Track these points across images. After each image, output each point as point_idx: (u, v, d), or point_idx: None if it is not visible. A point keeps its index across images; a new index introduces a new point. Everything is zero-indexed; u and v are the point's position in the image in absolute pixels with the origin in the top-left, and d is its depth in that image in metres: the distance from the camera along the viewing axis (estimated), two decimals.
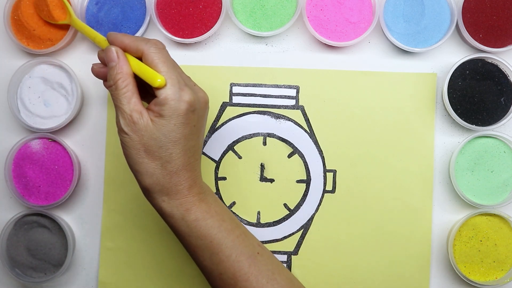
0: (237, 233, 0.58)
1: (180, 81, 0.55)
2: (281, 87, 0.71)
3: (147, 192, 0.57)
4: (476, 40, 0.68)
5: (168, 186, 0.56)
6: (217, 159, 0.71)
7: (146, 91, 0.59)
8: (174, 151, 0.55)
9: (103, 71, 0.60)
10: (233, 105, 0.71)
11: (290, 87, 0.71)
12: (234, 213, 0.71)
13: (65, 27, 0.71)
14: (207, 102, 0.58)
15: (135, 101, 0.55)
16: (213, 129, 0.71)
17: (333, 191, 0.70)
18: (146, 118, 0.54)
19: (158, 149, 0.54)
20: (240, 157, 0.71)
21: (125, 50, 0.56)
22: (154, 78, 0.54)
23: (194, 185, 0.57)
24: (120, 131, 0.55)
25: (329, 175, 0.70)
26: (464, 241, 0.68)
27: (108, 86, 0.57)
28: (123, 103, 0.55)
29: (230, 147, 0.71)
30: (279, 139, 0.71)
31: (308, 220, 0.70)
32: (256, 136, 0.71)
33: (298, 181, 0.71)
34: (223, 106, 0.71)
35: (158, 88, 0.54)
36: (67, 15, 0.69)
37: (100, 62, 0.60)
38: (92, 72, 0.61)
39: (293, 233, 0.71)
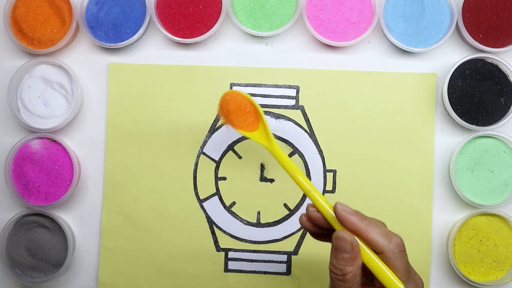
0: None
1: None
2: (281, 87, 0.71)
3: None
4: (476, 40, 0.68)
5: None
6: (217, 159, 0.71)
7: None
8: None
9: (311, 226, 0.53)
10: None
11: (290, 87, 0.71)
12: (234, 213, 0.71)
13: (66, 28, 0.71)
14: None
15: None
16: (213, 129, 0.71)
17: (333, 191, 0.70)
18: None
19: None
20: (240, 157, 0.71)
21: (356, 233, 0.49)
22: (393, 284, 0.48)
23: None
24: None
25: (329, 175, 0.70)
26: (464, 241, 0.68)
27: (332, 272, 0.50)
28: None
29: (230, 147, 0.71)
30: (279, 139, 0.71)
31: None
32: None
33: None
34: None
35: None
36: (258, 125, 0.60)
37: (307, 213, 0.53)
38: (300, 223, 0.54)
39: (293, 233, 0.71)
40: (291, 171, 0.55)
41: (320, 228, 0.53)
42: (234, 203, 0.71)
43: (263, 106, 0.71)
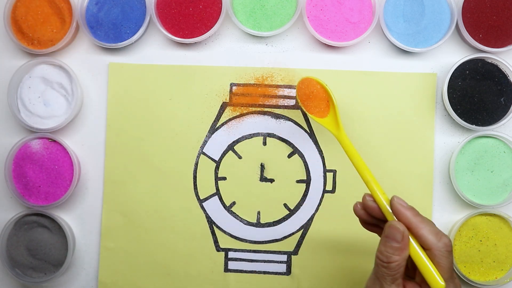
0: None
1: None
2: (281, 87, 0.71)
3: None
4: (476, 40, 0.68)
5: None
6: (217, 159, 0.71)
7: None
8: None
9: (364, 215, 0.56)
10: (233, 105, 0.71)
11: (290, 87, 0.71)
12: (234, 213, 0.71)
13: (66, 28, 0.71)
14: None
15: (399, 282, 0.51)
16: (213, 129, 0.71)
17: (333, 191, 0.70)
18: None
19: None
20: (240, 157, 0.71)
21: (407, 227, 0.52)
22: (435, 280, 0.50)
23: None
24: None
25: (329, 175, 0.70)
26: (464, 241, 0.68)
27: (379, 258, 0.52)
28: (387, 282, 0.51)
29: (230, 147, 0.71)
30: (279, 139, 0.71)
31: (308, 220, 0.70)
32: (256, 136, 0.71)
33: (298, 181, 0.71)
34: (223, 106, 0.71)
35: None
36: (328, 113, 0.64)
37: (363, 202, 0.56)
38: (354, 210, 0.57)
39: (293, 233, 0.71)
40: (355, 161, 0.58)
41: (371, 217, 0.56)
42: (234, 203, 0.71)
43: (263, 106, 0.71)
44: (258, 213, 0.71)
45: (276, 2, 0.70)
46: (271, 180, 0.71)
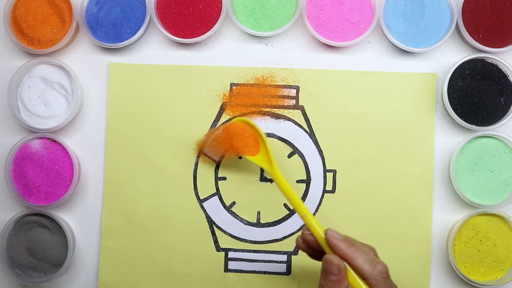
0: None
1: None
2: (281, 87, 0.71)
3: None
4: (476, 40, 0.68)
5: None
6: (217, 159, 0.71)
7: None
8: None
9: (306, 248, 0.58)
10: (233, 105, 0.71)
11: (290, 87, 0.71)
12: (234, 213, 0.71)
13: (66, 28, 0.71)
14: None
15: None
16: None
17: (333, 191, 0.70)
18: None
19: None
20: (240, 157, 0.71)
21: (343, 258, 0.53)
22: None
23: None
24: None
25: (329, 175, 0.70)
26: (464, 241, 0.68)
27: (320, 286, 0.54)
28: None
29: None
30: (279, 139, 0.71)
31: None
32: None
33: (298, 181, 0.71)
34: (223, 106, 0.71)
35: None
36: (259, 149, 0.66)
37: (302, 236, 0.57)
38: (297, 244, 0.59)
39: (293, 233, 0.71)
40: (290, 196, 0.60)
41: (314, 250, 0.57)
42: (234, 203, 0.71)
43: (263, 106, 0.71)
44: (258, 213, 0.71)
45: (276, 2, 0.70)
46: (271, 180, 0.71)
